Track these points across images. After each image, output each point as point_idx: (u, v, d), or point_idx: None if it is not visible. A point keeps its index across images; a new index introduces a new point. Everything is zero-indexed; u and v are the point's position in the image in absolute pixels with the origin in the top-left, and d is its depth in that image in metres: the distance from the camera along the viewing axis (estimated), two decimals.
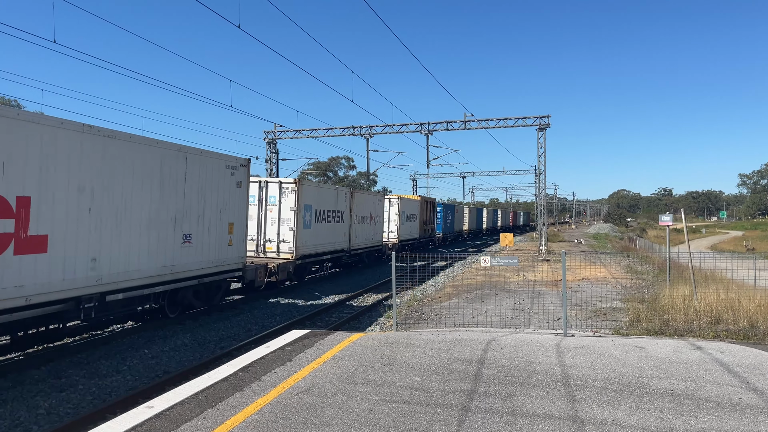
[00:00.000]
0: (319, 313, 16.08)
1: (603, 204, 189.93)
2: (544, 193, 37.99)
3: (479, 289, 18.18)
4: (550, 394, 6.71)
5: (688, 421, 5.85)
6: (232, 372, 7.63)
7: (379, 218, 30.86)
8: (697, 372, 7.65)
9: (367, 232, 28.81)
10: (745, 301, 11.32)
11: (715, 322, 10.90)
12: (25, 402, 8.34)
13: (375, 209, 30.13)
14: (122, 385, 9.31)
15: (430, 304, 15.79)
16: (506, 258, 11.23)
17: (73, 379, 9.44)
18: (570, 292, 15.42)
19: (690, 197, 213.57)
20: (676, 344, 9.35)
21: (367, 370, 7.73)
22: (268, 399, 6.49)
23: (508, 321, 12.16)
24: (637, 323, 11.37)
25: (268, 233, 20.64)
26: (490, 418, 5.90)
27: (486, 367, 7.88)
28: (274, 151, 37.72)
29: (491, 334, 10.25)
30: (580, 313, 13.25)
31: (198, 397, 6.56)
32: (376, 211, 30.23)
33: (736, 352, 8.79)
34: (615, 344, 9.29)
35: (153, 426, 5.68)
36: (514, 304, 14.83)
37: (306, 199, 21.21)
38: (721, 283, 14.50)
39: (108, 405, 8.06)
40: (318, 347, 9.05)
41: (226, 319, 14.75)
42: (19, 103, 51.89)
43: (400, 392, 6.75)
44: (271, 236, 20.53)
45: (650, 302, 13.11)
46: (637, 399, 6.52)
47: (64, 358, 10.55)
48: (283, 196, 20.58)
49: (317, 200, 22.44)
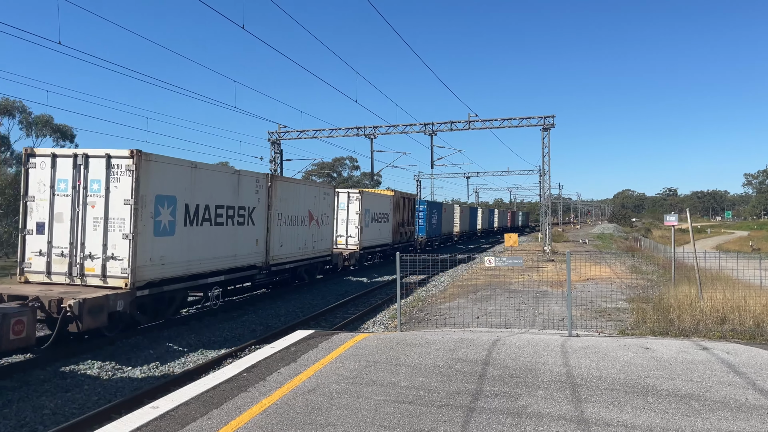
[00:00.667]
0: (324, 313, 16.06)
1: (607, 204, 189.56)
2: (548, 194, 37.93)
3: (483, 289, 18.16)
4: (555, 394, 6.69)
5: (694, 421, 5.83)
6: (236, 372, 7.63)
7: (327, 219, 22.73)
8: (703, 372, 7.62)
9: (300, 238, 20.28)
10: (751, 301, 11.26)
11: (721, 322, 10.85)
12: (31, 402, 8.37)
13: (318, 206, 21.76)
14: (127, 386, 9.33)
15: (434, 305, 15.78)
16: (511, 258, 11.22)
17: (78, 380, 9.47)
18: (575, 293, 15.39)
19: (695, 197, 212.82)
20: (681, 345, 9.31)
21: (371, 370, 7.72)
22: (272, 399, 6.49)
23: (512, 321, 12.14)
24: (642, 323, 11.33)
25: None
26: (495, 419, 5.88)
27: (491, 367, 7.87)
28: (278, 152, 37.77)
29: (496, 334, 10.24)
30: (585, 314, 13.21)
31: (203, 398, 6.57)
32: (320, 210, 21.97)
33: (742, 353, 8.75)
34: (620, 345, 9.26)
35: (158, 426, 5.69)
36: (518, 304, 14.80)
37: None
38: (726, 283, 14.43)
39: (113, 405, 8.08)
40: (322, 348, 9.05)
41: (231, 320, 14.77)
42: (23, 104, 52.06)
43: (404, 393, 6.75)
44: None
45: (655, 302, 13.06)
46: (643, 399, 6.50)
47: (69, 358, 10.58)
48: None
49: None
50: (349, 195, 27.43)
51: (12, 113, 56.05)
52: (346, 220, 27.01)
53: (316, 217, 21.66)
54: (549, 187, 37.22)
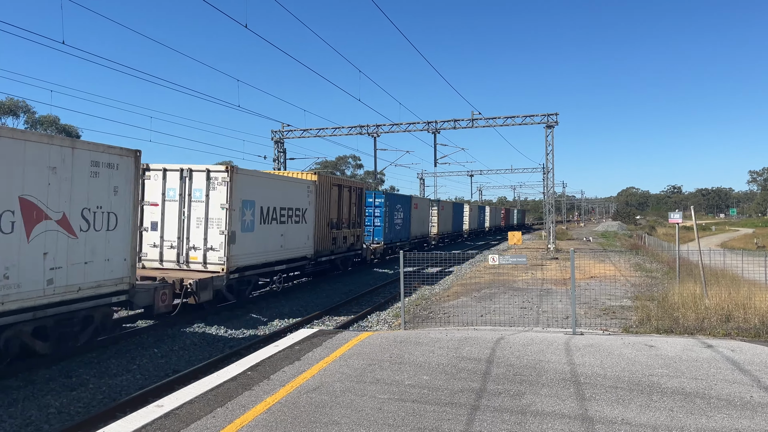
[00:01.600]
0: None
1: (611, 202, 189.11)
2: (552, 191, 37.89)
3: (487, 287, 18.15)
4: (559, 392, 6.69)
5: (699, 419, 5.81)
6: (241, 371, 7.65)
7: (107, 221, 10.82)
8: (707, 370, 7.60)
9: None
10: (757, 299, 11.23)
11: (726, 320, 10.82)
12: (36, 401, 8.39)
13: (98, 199, 10.61)
14: (132, 384, 9.36)
15: (438, 303, 15.78)
16: (514, 256, 11.21)
17: (83, 379, 9.50)
18: (579, 291, 15.36)
19: (699, 194, 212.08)
20: (686, 342, 9.29)
21: (375, 368, 7.73)
22: (277, 398, 6.50)
23: (516, 319, 12.13)
24: (646, 321, 11.31)
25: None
26: (499, 417, 5.88)
27: (495, 365, 7.86)
28: (281, 151, 37.84)
29: (500, 332, 10.23)
30: (589, 312, 13.19)
31: (207, 396, 6.59)
32: (103, 204, 10.71)
33: (747, 351, 8.72)
34: (624, 343, 9.24)
35: (163, 425, 5.71)
36: (522, 302, 14.79)
37: None
38: (731, 281, 14.40)
39: (118, 404, 8.10)
40: (326, 346, 9.06)
41: (235, 318, 14.80)
42: (27, 104, 52.24)
43: (408, 391, 6.75)
44: None
45: (660, 300, 13.03)
46: (648, 398, 6.49)
47: (74, 357, 10.62)
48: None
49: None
50: (209, 176, 14.96)
51: (16, 113, 56.25)
52: (204, 219, 15.01)
53: (95, 216, 17.22)
54: (553, 184, 37.23)
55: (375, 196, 30.75)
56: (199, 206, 14.92)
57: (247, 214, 15.63)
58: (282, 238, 17.91)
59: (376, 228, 30.45)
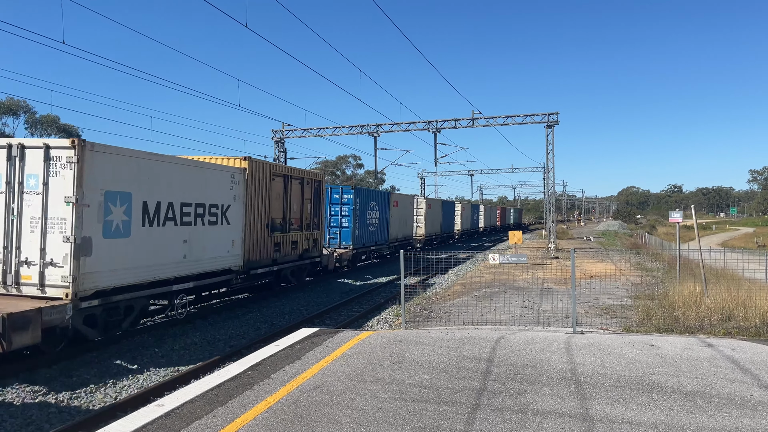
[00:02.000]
0: (328, 311, 16.10)
1: (612, 201, 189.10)
2: (552, 191, 37.88)
3: (488, 287, 18.15)
4: (560, 391, 6.69)
5: (700, 418, 5.81)
6: (241, 370, 7.65)
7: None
8: (708, 369, 7.60)
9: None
10: (757, 298, 11.23)
11: (726, 319, 10.82)
12: (37, 401, 8.40)
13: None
14: (133, 384, 9.37)
15: (438, 302, 15.78)
16: (515, 256, 11.21)
17: (84, 378, 9.51)
18: (579, 290, 15.37)
19: (700, 194, 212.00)
20: (686, 341, 9.28)
21: (376, 368, 7.73)
22: (277, 397, 6.51)
23: (517, 319, 12.13)
24: (647, 320, 11.31)
25: None
26: (499, 416, 5.88)
27: (495, 365, 7.86)
28: (282, 150, 37.88)
29: (500, 332, 10.23)
30: (589, 311, 13.19)
31: (208, 396, 6.59)
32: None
33: (748, 349, 8.72)
34: (625, 342, 9.24)
35: (163, 424, 5.71)
36: (522, 301, 14.79)
37: None
38: (732, 280, 14.40)
39: (119, 403, 8.12)
40: (327, 345, 9.07)
41: (236, 318, 14.81)
42: (27, 104, 52.27)
43: (409, 390, 6.75)
44: None
45: (660, 299, 13.03)
46: (648, 396, 6.49)
47: (75, 357, 10.62)
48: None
49: None
50: (48, 154, 10.28)
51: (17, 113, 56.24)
52: (42, 220, 10.27)
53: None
54: (553, 184, 37.22)
55: (342, 192, 26.03)
56: (35, 200, 10.16)
57: (116, 211, 10.85)
58: (186, 245, 12.98)
59: (343, 229, 25.77)
